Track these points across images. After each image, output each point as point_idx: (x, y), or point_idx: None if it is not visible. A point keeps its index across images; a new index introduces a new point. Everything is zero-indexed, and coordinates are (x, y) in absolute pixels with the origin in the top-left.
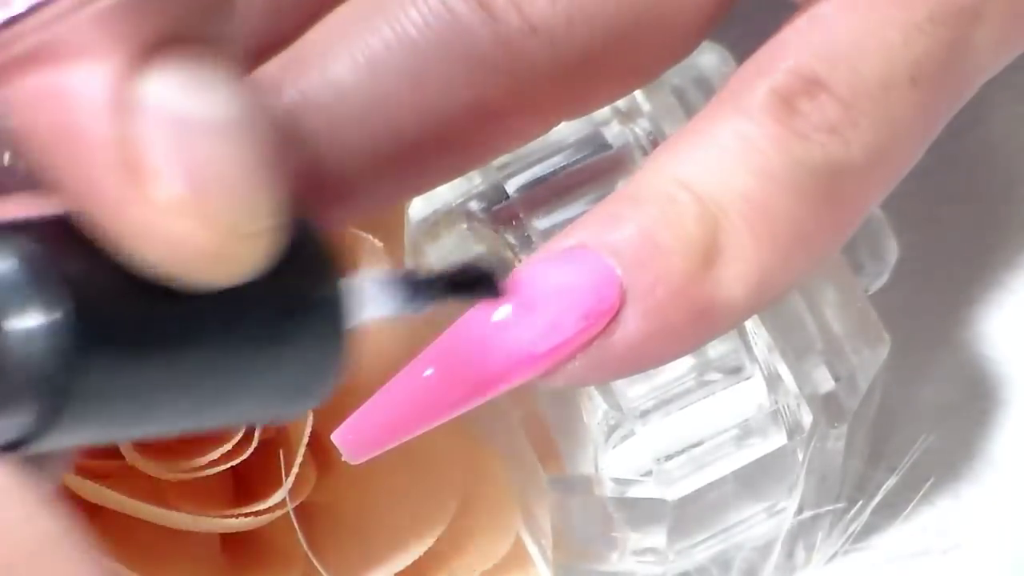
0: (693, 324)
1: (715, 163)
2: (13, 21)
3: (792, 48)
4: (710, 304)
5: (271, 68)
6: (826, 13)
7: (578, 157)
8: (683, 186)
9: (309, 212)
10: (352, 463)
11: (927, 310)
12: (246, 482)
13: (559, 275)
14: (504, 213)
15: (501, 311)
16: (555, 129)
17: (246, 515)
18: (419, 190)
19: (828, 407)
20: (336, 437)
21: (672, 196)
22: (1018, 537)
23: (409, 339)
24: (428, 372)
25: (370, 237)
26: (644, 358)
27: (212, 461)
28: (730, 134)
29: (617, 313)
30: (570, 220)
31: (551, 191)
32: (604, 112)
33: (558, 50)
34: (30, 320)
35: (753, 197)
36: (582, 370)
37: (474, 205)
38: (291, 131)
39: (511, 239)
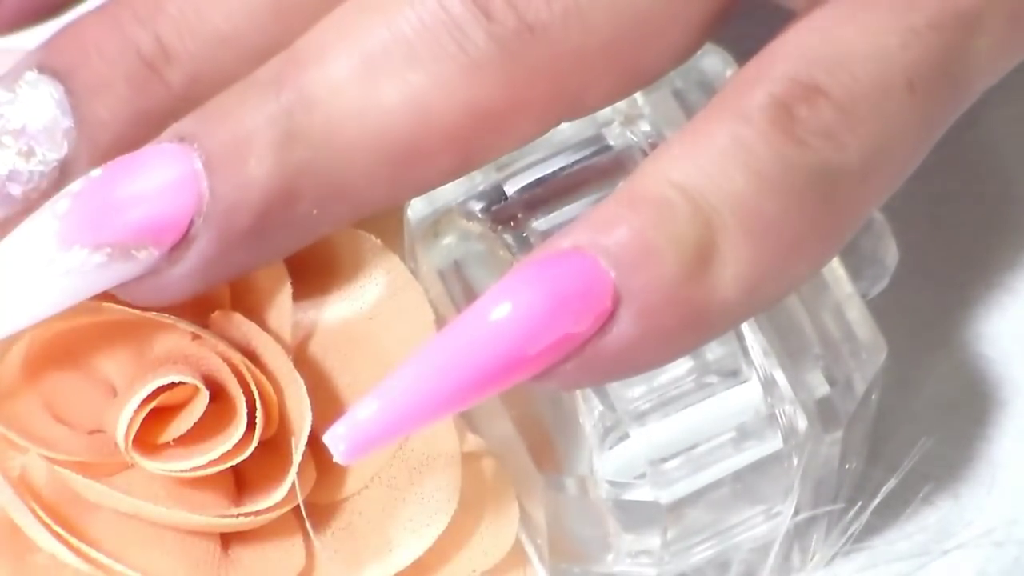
0: (686, 327)
1: (711, 166)
2: None
3: (791, 53)
4: (704, 307)
5: (271, 67)
6: (825, 18)
7: (578, 158)
8: (678, 188)
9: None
10: (343, 464)
11: (927, 310)
12: (247, 481)
13: (553, 276)
14: (503, 213)
15: (495, 312)
16: (556, 130)
17: (246, 515)
18: (418, 190)
19: (823, 412)
20: (328, 438)
21: (667, 198)
22: (1018, 537)
23: (403, 338)
24: (420, 373)
25: (370, 237)
26: (637, 361)
27: (212, 460)
28: (727, 137)
29: (610, 316)
30: (569, 221)
31: (551, 192)
32: (605, 113)
33: (555, 51)
34: None
35: (748, 200)
36: (575, 372)
37: (474, 205)
38: (289, 130)
39: (510, 240)
